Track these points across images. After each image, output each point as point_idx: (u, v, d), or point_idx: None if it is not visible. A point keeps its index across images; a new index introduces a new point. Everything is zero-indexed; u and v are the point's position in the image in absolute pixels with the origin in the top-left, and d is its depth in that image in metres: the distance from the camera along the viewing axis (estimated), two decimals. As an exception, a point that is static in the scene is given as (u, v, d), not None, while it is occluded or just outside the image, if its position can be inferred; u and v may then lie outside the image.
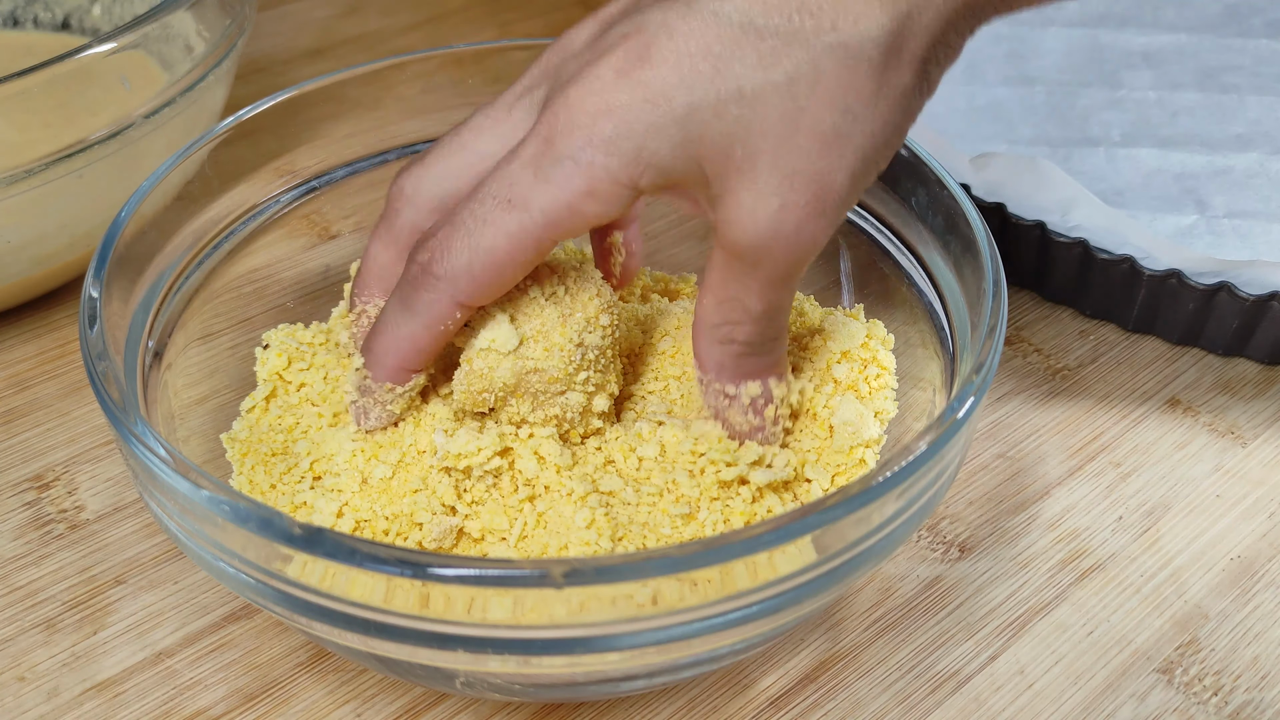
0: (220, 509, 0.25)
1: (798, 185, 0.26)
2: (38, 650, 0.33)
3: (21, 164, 0.39)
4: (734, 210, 0.27)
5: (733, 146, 0.26)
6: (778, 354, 0.31)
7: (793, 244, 0.27)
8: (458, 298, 0.28)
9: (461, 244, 0.28)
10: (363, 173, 0.40)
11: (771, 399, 0.31)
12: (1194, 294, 0.41)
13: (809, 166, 0.26)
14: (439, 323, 0.29)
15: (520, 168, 0.27)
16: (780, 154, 0.26)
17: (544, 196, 0.27)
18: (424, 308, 0.29)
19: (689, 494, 0.30)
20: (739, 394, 0.30)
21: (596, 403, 0.31)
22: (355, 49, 0.63)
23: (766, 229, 0.27)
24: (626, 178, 0.27)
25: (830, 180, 0.27)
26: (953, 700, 0.32)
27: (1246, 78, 0.53)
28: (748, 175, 0.26)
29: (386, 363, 0.30)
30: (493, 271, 0.28)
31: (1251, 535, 0.37)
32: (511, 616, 0.25)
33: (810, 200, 0.27)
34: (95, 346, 0.29)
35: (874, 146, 0.27)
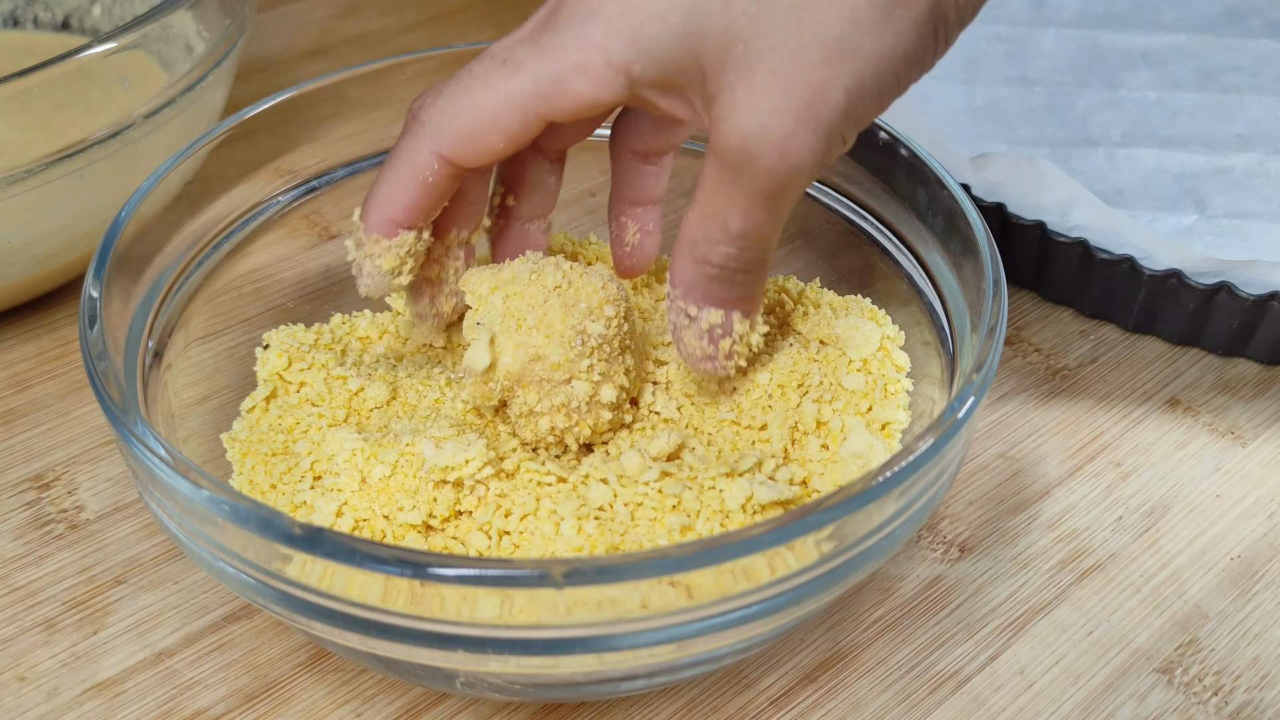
0: (220, 509, 0.25)
1: (793, 91, 0.26)
2: (38, 650, 0.33)
3: (21, 164, 0.39)
4: (726, 109, 0.26)
5: (734, 42, 0.26)
6: (749, 289, 0.30)
7: (779, 152, 0.26)
8: (438, 148, 0.29)
9: (450, 93, 0.28)
10: (363, 173, 0.40)
11: (730, 332, 0.30)
12: (1194, 294, 0.41)
13: (808, 74, 0.26)
14: (420, 172, 0.29)
15: (522, 34, 0.28)
16: (781, 55, 0.26)
17: (536, 62, 0.27)
18: (406, 155, 0.29)
19: (688, 506, 0.30)
20: (699, 317, 0.30)
21: (604, 393, 0.31)
22: (355, 49, 0.63)
23: (755, 130, 0.26)
24: (620, 60, 0.27)
25: (827, 93, 0.26)
26: (953, 700, 0.32)
27: (1246, 78, 0.53)
28: (745, 73, 0.26)
29: (373, 212, 0.30)
30: (473, 126, 0.28)
31: (1251, 535, 0.37)
32: (511, 616, 0.25)
33: (803, 108, 0.26)
34: (95, 346, 0.29)
35: (876, 71, 0.26)
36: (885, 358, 0.35)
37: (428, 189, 0.29)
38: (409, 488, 0.30)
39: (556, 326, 0.30)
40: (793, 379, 0.33)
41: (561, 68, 0.27)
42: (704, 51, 0.26)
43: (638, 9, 0.26)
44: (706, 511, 0.29)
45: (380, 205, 0.30)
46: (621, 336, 0.31)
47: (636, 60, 0.27)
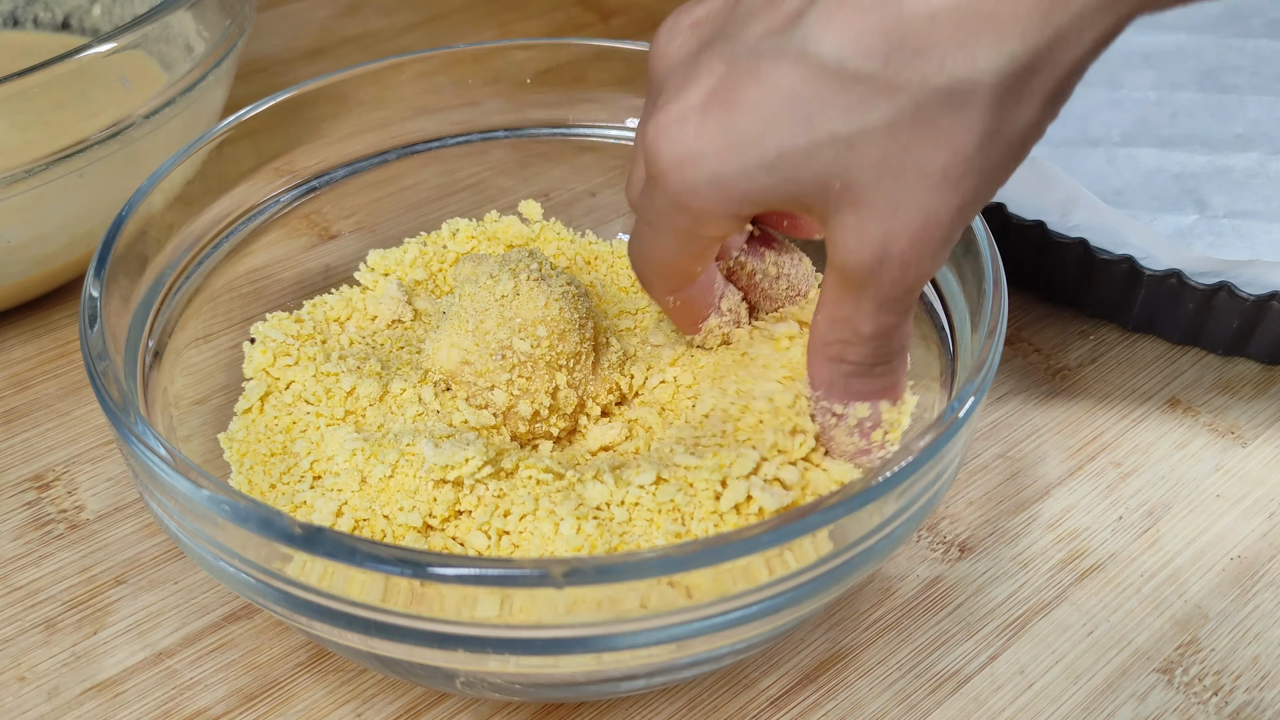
0: (220, 509, 0.25)
1: (902, 215, 0.25)
2: (38, 650, 0.33)
3: (21, 164, 0.39)
4: (839, 232, 0.26)
5: (830, 182, 0.26)
6: (891, 378, 0.30)
7: (900, 268, 0.26)
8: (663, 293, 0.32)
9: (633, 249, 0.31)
10: (363, 173, 0.40)
11: (880, 423, 0.30)
12: (1194, 294, 0.41)
13: (914, 201, 0.25)
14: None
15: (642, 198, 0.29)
16: (881, 188, 0.25)
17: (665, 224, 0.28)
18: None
19: (683, 508, 0.30)
20: (846, 414, 0.30)
21: (520, 407, 0.33)
22: (355, 49, 0.63)
23: (871, 255, 0.26)
24: (723, 211, 0.27)
25: (937, 213, 0.25)
26: (953, 700, 0.32)
27: (1246, 78, 0.53)
28: (850, 203, 0.26)
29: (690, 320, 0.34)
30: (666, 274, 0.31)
31: (1251, 535, 0.37)
32: (511, 616, 0.25)
33: (917, 229, 0.26)
34: (95, 346, 0.29)
35: (984, 180, 0.26)
36: None
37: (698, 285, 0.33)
38: (409, 488, 0.30)
39: (487, 337, 0.32)
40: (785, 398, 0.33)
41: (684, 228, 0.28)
42: (800, 194, 0.26)
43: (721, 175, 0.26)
44: (701, 513, 0.29)
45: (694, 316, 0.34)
46: (553, 356, 0.33)
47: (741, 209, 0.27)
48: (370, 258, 0.40)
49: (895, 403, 0.30)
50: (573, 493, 0.30)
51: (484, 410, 0.33)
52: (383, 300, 0.38)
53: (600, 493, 0.29)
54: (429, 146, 0.41)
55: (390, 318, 0.38)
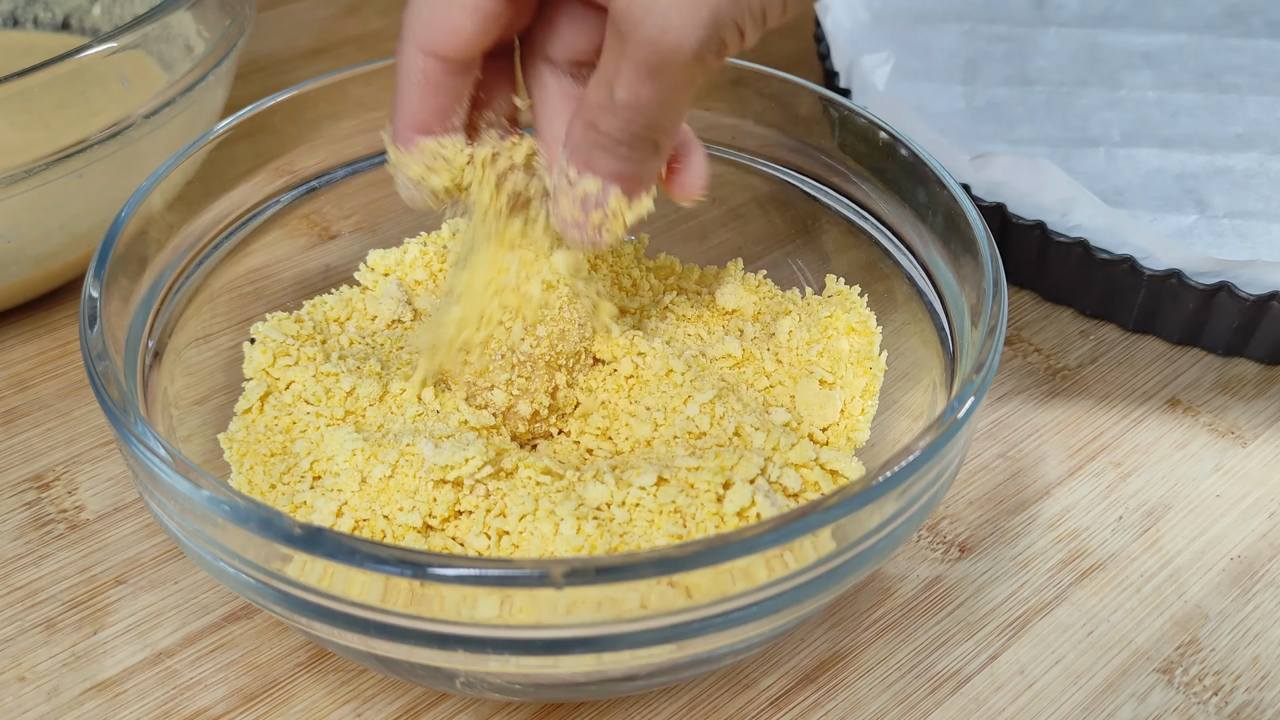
0: (220, 509, 0.25)
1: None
2: (38, 650, 0.33)
3: (21, 164, 0.39)
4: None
5: None
6: (631, 165, 0.29)
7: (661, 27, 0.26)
8: (417, 44, 0.29)
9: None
10: (363, 173, 0.40)
11: (603, 205, 0.30)
12: (1194, 294, 0.41)
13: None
14: (410, 73, 0.30)
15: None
16: None
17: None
18: (399, 62, 0.30)
19: (684, 510, 0.30)
20: (576, 183, 0.30)
21: (520, 407, 0.33)
22: (355, 49, 0.63)
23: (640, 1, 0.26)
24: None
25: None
26: (953, 700, 0.32)
27: (1246, 77, 0.53)
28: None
29: (394, 128, 0.31)
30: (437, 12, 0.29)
31: (1251, 535, 0.37)
32: (511, 616, 0.25)
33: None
34: (95, 346, 0.29)
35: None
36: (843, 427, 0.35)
37: (425, 88, 0.30)
38: (409, 488, 0.30)
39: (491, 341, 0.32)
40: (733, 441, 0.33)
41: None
42: None
43: None
44: (702, 514, 0.29)
45: (395, 118, 0.31)
46: (553, 356, 0.32)
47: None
48: (370, 258, 0.40)
49: (626, 195, 0.30)
50: (573, 493, 0.30)
51: (484, 410, 0.33)
52: (383, 300, 0.38)
53: (601, 493, 0.29)
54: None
55: (390, 318, 0.38)
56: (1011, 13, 0.57)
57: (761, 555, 0.25)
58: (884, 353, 0.36)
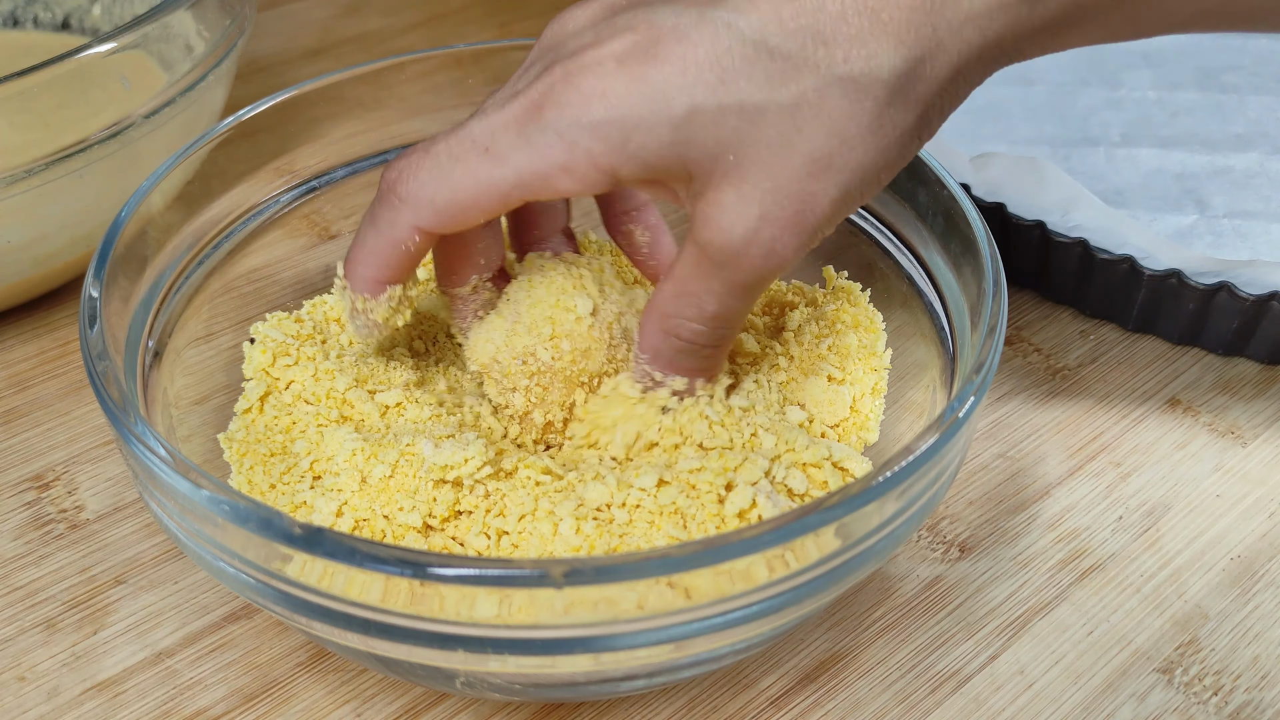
0: (220, 509, 0.25)
1: (781, 200, 0.27)
2: (38, 650, 0.33)
3: (21, 164, 0.39)
4: (714, 209, 0.27)
5: (724, 153, 0.27)
6: (714, 361, 0.31)
7: (764, 255, 0.27)
8: (417, 222, 0.29)
9: (430, 174, 0.28)
10: (363, 173, 0.40)
11: (693, 394, 0.32)
12: (1194, 294, 0.41)
13: (795, 185, 0.27)
14: (400, 242, 0.30)
15: (506, 121, 0.28)
16: (770, 168, 0.27)
17: (521, 158, 0.27)
18: (386, 225, 0.30)
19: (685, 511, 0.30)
20: (665, 383, 0.31)
21: (535, 414, 0.33)
22: (355, 49, 0.63)
23: (742, 234, 0.27)
24: (607, 164, 0.27)
25: (814, 202, 0.27)
26: (953, 700, 0.32)
27: (1246, 77, 0.53)
28: (734, 180, 0.27)
29: (358, 274, 0.31)
30: (453, 208, 0.29)
31: (1251, 535, 0.37)
32: (511, 616, 0.25)
33: (791, 217, 0.27)
34: (95, 346, 0.29)
35: (862, 179, 0.27)
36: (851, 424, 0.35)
37: (408, 255, 0.30)
38: (409, 488, 0.30)
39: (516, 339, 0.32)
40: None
41: (547, 165, 0.27)
42: (692, 159, 0.27)
43: (627, 117, 0.26)
44: (703, 516, 0.29)
45: (362, 268, 0.31)
46: (574, 371, 0.32)
47: (624, 165, 0.27)
48: None
49: (710, 382, 0.32)
50: (573, 494, 0.30)
51: (505, 410, 0.33)
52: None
53: (601, 494, 0.29)
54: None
55: None
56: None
57: (761, 555, 0.25)
58: (889, 350, 0.36)
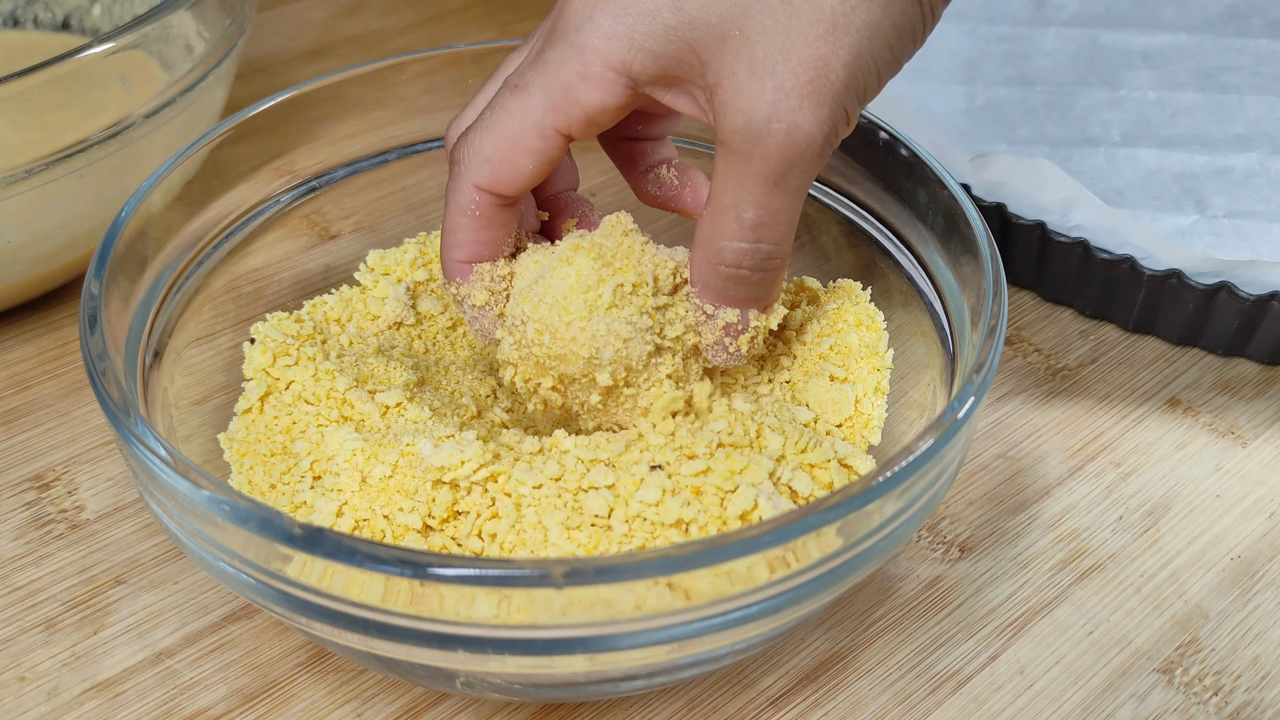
0: (220, 509, 0.25)
1: (794, 68, 0.26)
2: (38, 650, 0.33)
3: (21, 164, 0.39)
4: (730, 94, 0.27)
5: (729, 29, 0.26)
6: (765, 288, 0.30)
7: (787, 132, 0.26)
8: (475, 180, 0.29)
9: (476, 130, 0.29)
10: (363, 173, 0.40)
11: (746, 329, 0.31)
12: (1194, 294, 0.41)
13: (806, 50, 0.26)
14: (465, 209, 0.30)
15: (528, 58, 0.29)
16: (776, 35, 0.26)
17: (543, 80, 0.28)
18: (453, 197, 0.30)
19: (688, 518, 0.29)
20: (716, 315, 0.31)
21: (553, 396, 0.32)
22: (355, 49, 0.63)
23: (762, 113, 0.26)
24: (619, 62, 0.27)
25: (827, 67, 0.26)
26: (953, 700, 0.32)
27: (1246, 78, 0.53)
28: (743, 56, 0.26)
29: (445, 261, 0.31)
30: (500, 154, 0.29)
31: (1252, 535, 0.37)
32: (511, 617, 0.25)
33: (807, 84, 0.26)
34: (95, 346, 0.29)
35: (871, 40, 0.26)
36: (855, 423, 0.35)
37: (479, 222, 0.30)
38: (409, 488, 0.30)
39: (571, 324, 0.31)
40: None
41: (566, 79, 0.28)
42: (700, 41, 0.27)
43: (630, 10, 0.27)
44: (704, 518, 0.29)
45: (446, 253, 0.31)
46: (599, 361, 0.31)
47: (634, 59, 0.27)
48: (370, 258, 0.40)
49: (765, 312, 0.31)
50: (572, 496, 0.30)
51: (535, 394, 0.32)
52: (387, 302, 0.38)
53: (599, 504, 0.29)
54: (429, 147, 0.41)
55: (393, 319, 0.38)
56: (1011, 13, 0.57)
57: (761, 556, 0.25)
58: (891, 350, 0.36)
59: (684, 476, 0.30)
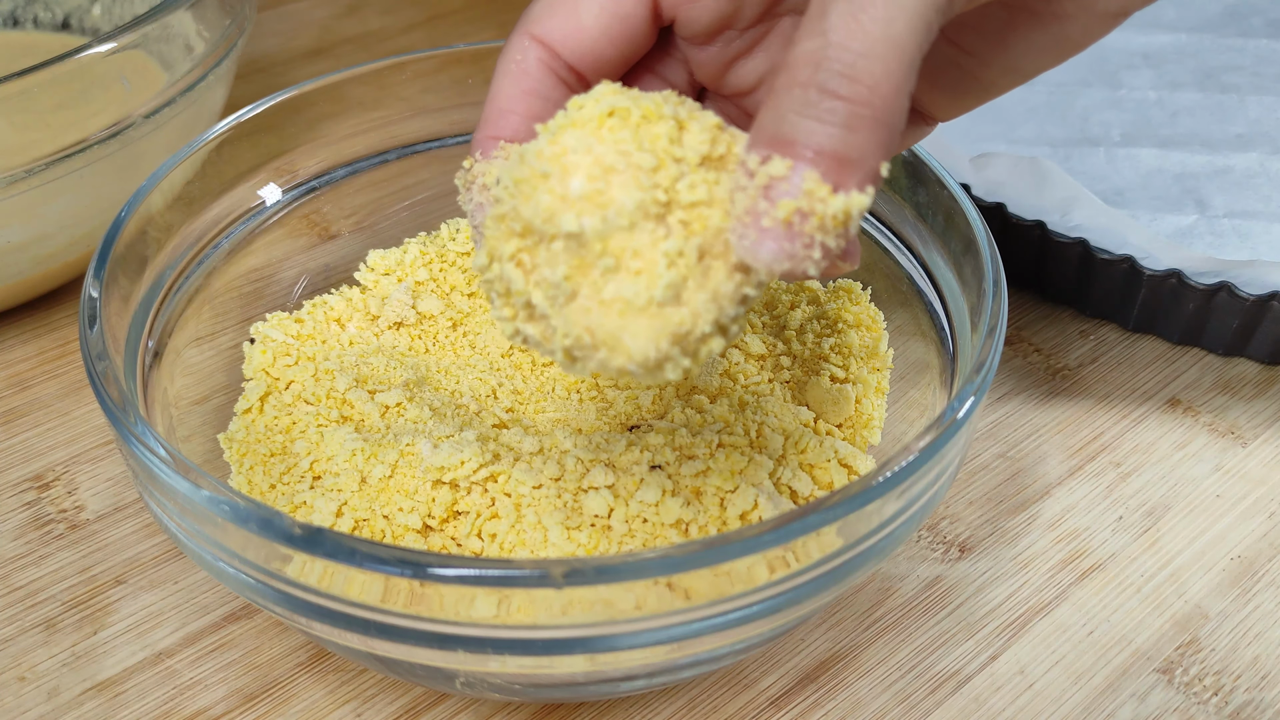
0: (220, 509, 0.25)
1: None
2: (38, 650, 0.33)
3: (22, 164, 0.39)
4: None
5: None
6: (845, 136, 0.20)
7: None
8: (529, 28, 0.26)
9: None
10: (363, 172, 0.40)
11: (796, 193, 0.20)
12: (1194, 294, 0.41)
13: None
14: (512, 60, 0.26)
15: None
16: None
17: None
18: (503, 52, 0.26)
19: (689, 519, 0.29)
20: (758, 172, 0.21)
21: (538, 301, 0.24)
22: (355, 48, 0.63)
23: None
24: None
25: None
26: (953, 700, 0.32)
27: (1247, 77, 0.53)
28: None
29: (475, 137, 0.26)
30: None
31: (1252, 535, 0.37)
32: (511, 617, 0.25)
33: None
34: (95, 346, 0.29)
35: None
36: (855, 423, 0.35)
37: (519, 80, 0.25)
38: (408, 488, 0.30)
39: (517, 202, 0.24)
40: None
41: None
42: None
43: None
44: (704, 519, 0.29)
45: (481, 126, 0.26)
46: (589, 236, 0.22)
47: None
48: (370, 258, 0.40)
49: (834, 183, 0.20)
50: (571, 497, 0.30)
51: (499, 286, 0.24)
52: (387, 302, 0.38)
53: (599, 504, 0.29)
54: (429, 146, 0.41)
55: (393, 319, 0.38)
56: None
57: (761, 556, 0.25)
58: (891, 350, 0.36)
59: (684, 477, 0.30)
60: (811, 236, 0.21)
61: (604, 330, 0.22)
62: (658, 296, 0.21)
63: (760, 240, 0.21)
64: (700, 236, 0.21)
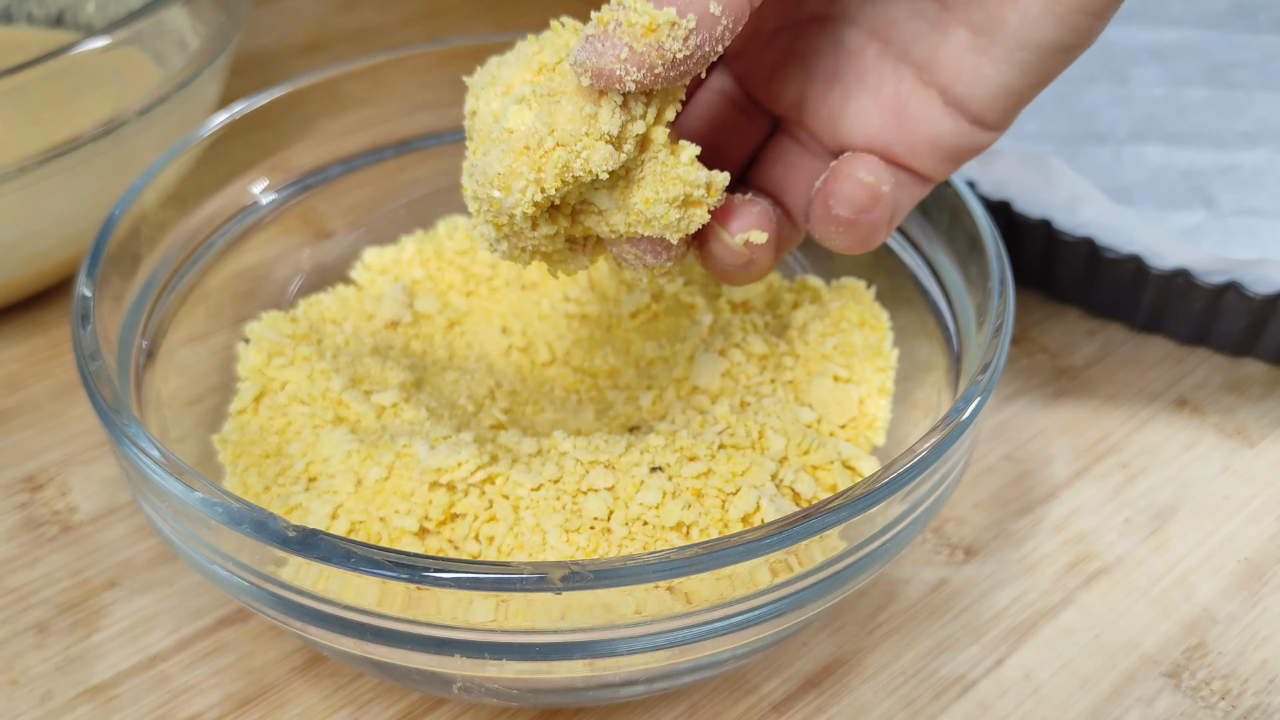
0: (213, 511, 0.25)
1: None
2: (30, 654, 0.33)
3: (14, 161, 0.39)
4: None
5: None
6: None
7: None
8: None
9: None
10: (359, 170, 0.40)
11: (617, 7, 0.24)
12: (1202, 293, 0.41)
13: None
14: None
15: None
16: None
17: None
18: None
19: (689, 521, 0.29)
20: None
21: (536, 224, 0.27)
22: (351, 44, 0.63)
23: None
24: None
25: None
26: (958, 705, 0.32)
27: (1254, 74, 0.52)
28: None
29: None
30: None
31: (1260, 537, 0.36)
32: (508, 621, 0.24)
33: None
34: (88, 346, 0.29)
35: None
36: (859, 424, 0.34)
37: None
38: (404, 490, 0.30)
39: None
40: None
41: None
42: None
43: None
44: (705, 522, 0.29)
45: None
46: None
47: None
48: (366, 256, 0.40)
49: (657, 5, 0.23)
50: (570, 499, 0.29)
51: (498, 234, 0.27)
52: (383, 301, 0.38)
53: (599, 506, 0.29)
54: (425, 143, 0.41)
55: (389, 319, 0.37)
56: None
57: (763, 559, 0.25)
58: (895, 350, 0.36)
59: (685, 478, 0.29)
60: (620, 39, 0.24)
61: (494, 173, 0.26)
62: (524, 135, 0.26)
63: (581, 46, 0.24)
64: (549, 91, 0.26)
